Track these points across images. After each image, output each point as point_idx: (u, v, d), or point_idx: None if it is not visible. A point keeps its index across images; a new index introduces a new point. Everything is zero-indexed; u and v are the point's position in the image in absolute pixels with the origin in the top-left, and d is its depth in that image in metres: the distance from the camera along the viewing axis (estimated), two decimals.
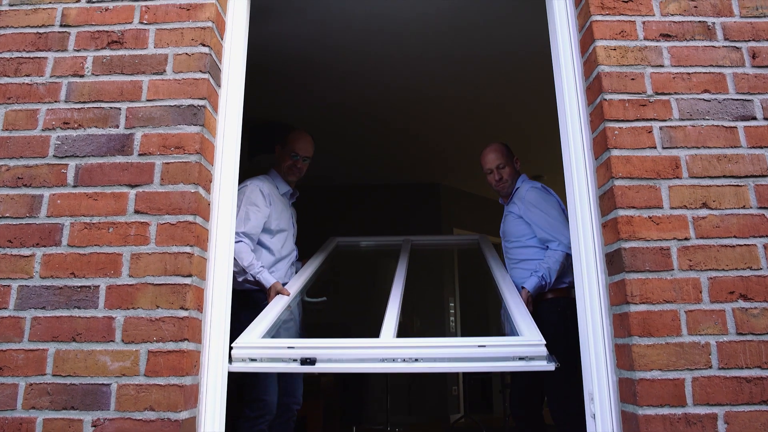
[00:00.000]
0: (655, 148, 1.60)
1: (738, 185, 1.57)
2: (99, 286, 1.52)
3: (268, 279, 2.47)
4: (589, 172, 1.71)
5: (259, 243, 2.61)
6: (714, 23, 1.71)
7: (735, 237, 1.53)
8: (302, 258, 2.98)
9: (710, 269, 1.51)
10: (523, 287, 2.60)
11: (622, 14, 1.71)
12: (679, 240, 1.53)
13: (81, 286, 1.52)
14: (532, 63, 3.72)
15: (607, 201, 1.61)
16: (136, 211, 1.57)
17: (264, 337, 1.96)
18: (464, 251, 6.61)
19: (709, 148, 1.60)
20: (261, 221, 2.58)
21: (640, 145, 1.60)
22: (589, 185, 1.70)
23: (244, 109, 1.90)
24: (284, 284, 2.56)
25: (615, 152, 1.59)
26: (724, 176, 1.58)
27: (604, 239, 1.63)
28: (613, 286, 1.57)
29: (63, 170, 1.61)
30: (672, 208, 1.55)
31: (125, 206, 1.57)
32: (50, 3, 1.78)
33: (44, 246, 1.55)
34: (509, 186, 2.87)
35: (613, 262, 1.57)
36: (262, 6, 2.96)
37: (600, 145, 1.65)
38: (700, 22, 1.71)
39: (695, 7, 1.73)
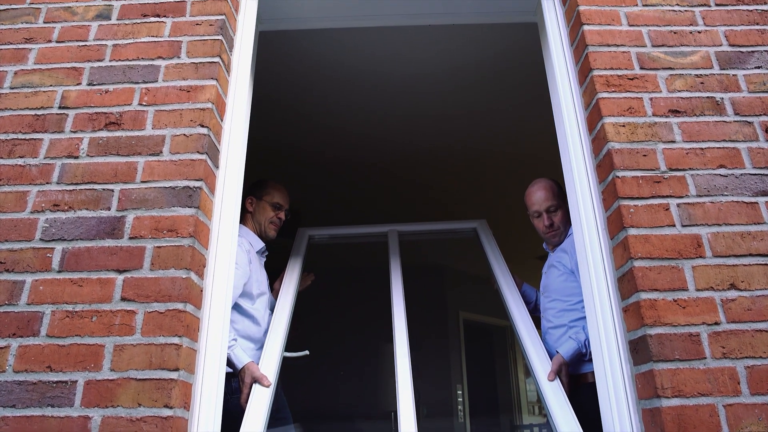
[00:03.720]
0: (674, 226, 1.51)
1: (767, 264, 1.47)
2: (77, 381, 1.38)
3: (240, 358, 2.02)
4: (605, 253, 1.61)
5: (240, 311, 2.21)
6: (722, 98, 1.68)
7: None
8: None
9: (746, 357, 1.37)
10: (557, 351, 2.12)
11: (629, 91, 1.68)
12: (708, 325, 1.41)
13: (57, 382, 1.38)
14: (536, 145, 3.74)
15: (626, 283, 1.50)
16: (123, 299, 1.46)
17: None
18: (472, 336, 6.38)
19: (731, 225, 1.51)
20: (240, 283, 2.19)
21: (658, 223, 1.52)
22: (606, 267, 1.60)
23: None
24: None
25: (632, 231, 1.50)
26: (751, 255, 1.48)
27: (626, 325, 1.51)
28: (639, 377, 1.43)
29: (48, 254, 1.52)
30: (698, 290, 1.44)
31: (111, 293, 1.47)
32: (51, 86, 1.77)
33: (21, 336, 1.43)
34: (562, 234, 2.39)
35: (638, 351, 1.44)
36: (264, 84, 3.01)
37: (615, 224, 1.57)
38: (708, 97, 1.68)
39: (701, 83, 1.71)
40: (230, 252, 1.69)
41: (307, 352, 2.30)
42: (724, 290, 1.44)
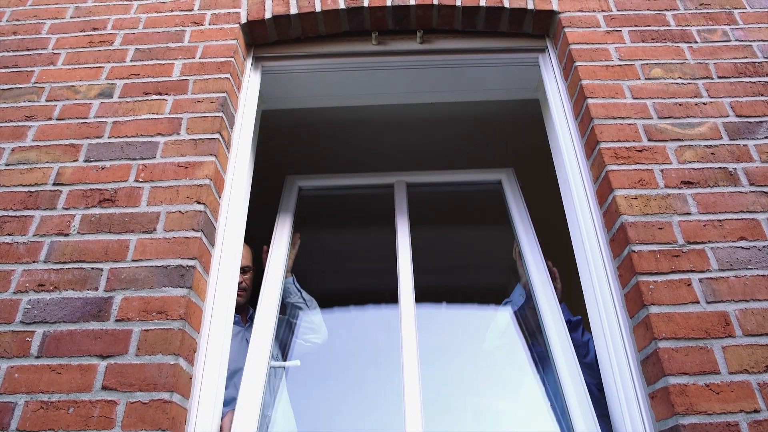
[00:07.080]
0: (698, 302, 1.41)
1: None
2: None
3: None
4: (624, 333, 1.50)
5: None
6: (735, 169, 1.63)
7: None
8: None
9: None
10: None
11: (638, 163, 1.64)
12: (747, 413, 1.27)
13: None
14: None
15: (651, 367, 1.38)
16: (104, 387, 1.34)
17: None
18: None
19: (759, 300, 1.41)
20: None
21: (681, 300, 1.42)
22: (627, 349, 1.48)
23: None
24: None
25: (653, 309, 1.40)
26: None
27: (655, 414, 1.37)
28: None
29: (28, 338, 1.42)
30: (731, 372, 1.32)
31: (92, 381, 1.35)
32: (47, 162, 1.73)
33: None
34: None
35: None
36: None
37: (634, 302, 1.47)
38: (720, 168, 1.63)
39: (712, 153, 1.66)
40: (224, 335, 1.58)
41: (298, 362, 2.04)
42: (760, 373, 1.32)
